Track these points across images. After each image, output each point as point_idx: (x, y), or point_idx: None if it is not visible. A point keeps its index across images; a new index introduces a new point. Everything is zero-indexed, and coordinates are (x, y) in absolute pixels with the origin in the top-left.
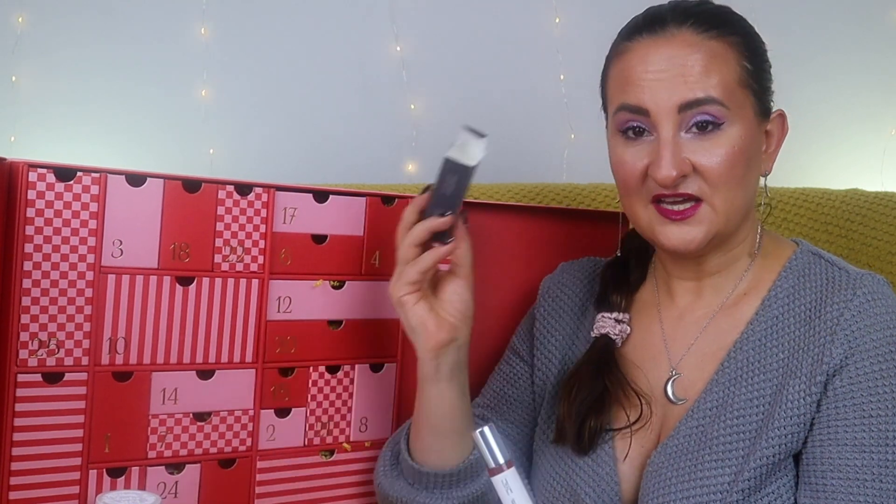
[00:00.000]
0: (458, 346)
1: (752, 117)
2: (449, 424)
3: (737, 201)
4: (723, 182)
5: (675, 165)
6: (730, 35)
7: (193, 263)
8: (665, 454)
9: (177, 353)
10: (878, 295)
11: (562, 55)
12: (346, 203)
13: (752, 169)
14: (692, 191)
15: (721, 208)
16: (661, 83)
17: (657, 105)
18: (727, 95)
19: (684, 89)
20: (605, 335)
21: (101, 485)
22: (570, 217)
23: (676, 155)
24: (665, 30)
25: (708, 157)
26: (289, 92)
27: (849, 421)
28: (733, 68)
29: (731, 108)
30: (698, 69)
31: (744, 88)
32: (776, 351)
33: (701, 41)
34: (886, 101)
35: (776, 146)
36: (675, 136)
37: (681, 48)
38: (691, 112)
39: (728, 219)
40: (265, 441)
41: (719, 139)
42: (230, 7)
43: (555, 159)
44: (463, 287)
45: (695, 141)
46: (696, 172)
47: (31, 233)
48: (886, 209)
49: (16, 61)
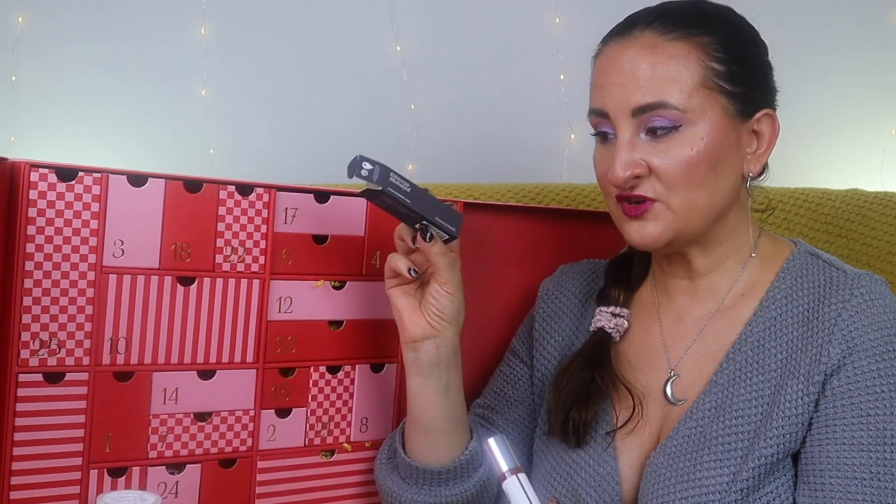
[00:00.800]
0: (436, 345)
1: (721, 118)
2: (427, 420)
3: (698, 201)
4: (678, 183)
5: (625, 167)
6: (697, 35)
7: (194, 263)
8: (664, 454)
9: (178, 354)
10: (875, 295)
11: (562, 55)
12: (346, 203)
13: (720, 171)
14: (647, 193)
15: (679, 208)
16: (618, 87)
17: (614, 109)
18: (684, 98)
19: (638, 94)
20: (601, 329)
21: (102, 485)
22: (570, 217)
23: (629, 156)
24: (631, 33)
25: (662, 160)
26: (289, 92)
27: (847, 420)
28: (695, 69)
29: (687, 110)
30: (655, 73)
31: (708, 90)
32: (774, 351)
33: (662, 43)
34: (886, 101)
35: (767, 147)
36: (633, 138)
37: (639, 51)
38: (645, 116)
39: (688, 218)
40: (266, 441)
41: (675, 141)
42: (230, 7)
43: (555, 159)
44: (440, 292)
45: (651, 143)
46: (653, 174)
47: (32, 233)
48: (886, 209)
49: (16, 61)
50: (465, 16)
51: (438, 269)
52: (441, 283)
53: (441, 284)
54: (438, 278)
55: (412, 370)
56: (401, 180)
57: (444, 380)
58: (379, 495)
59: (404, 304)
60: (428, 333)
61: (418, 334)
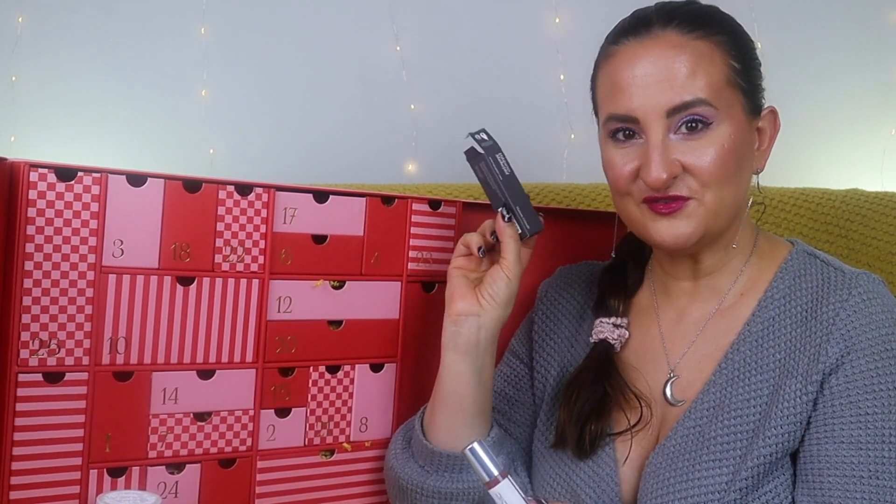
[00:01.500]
0: (479, 325)
1: (742, 115)
2: (458, 400)
3: (727, 199)
4: (714, 180)
5: (664, 168)
6: (715, 35)
7: (194, 263)
8: (663, 455)
9: (177, 353)
10: (873, 294)
11: (562, 55)
12: (346, 203)
13: (743, 167)
14: (682, 192)
15: (711, 205)
16: (648, 88)
17: (645, 111)
18: (715, 95)
19: (671, 94)
20: (603, 340)
21: (102, 485)
22: (570, 217)
23: (666, 157)
24: (650, 32)
25: (698, 157)
26: (289, 92)
27: (845, 419)
28: (720, 68)
29: (719, 107)
30: (684, 71)
31: (732, 87)
32: (773, 351)
33: (686, 42)
34: (886, 101)
35: (769, 143)
36: (665, 138)
37: (666, 50)
38: (679, 115)
39: (718, 216)
40: (265, 441)
41: (708, 139)
42: (230, 7)
43: (555, 159)
44: (500, 274)
45: (684, 142)
46: (687, 172)
47: (31, 232)
48: (886, 209)
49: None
50: (465, 16)
51: (506, 252)
52: (504, 266)
53: (503, 268)
54: (503, 261)
55: (450, 346)
56: (505, 163)
57: (479, 362)
58: (388, 490)
59: (460, 281)
60: (474, 310)
61: (464, 309)
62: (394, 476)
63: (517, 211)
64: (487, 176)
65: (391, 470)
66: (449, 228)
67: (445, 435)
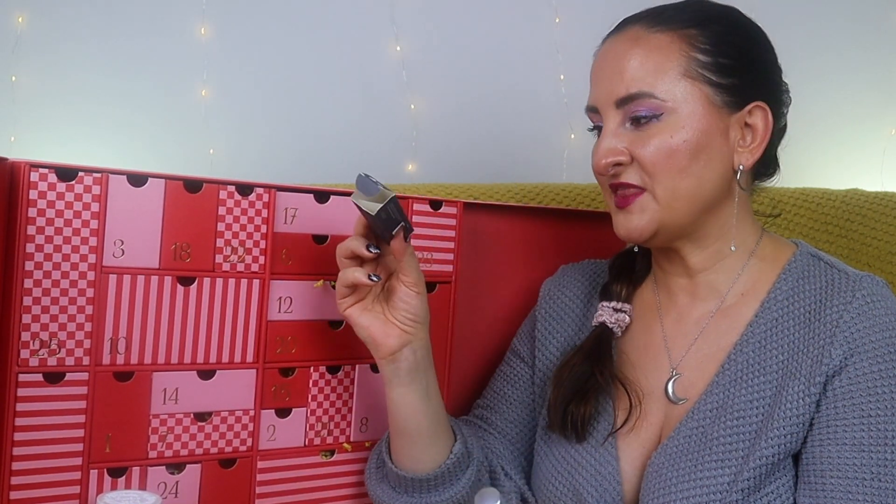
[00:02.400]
0: (413, 350)
1: (705, 108)
2: (414, 427)
3: (680, 191)
4: (660, 171)
5: (604, 154)
6: (682, 28)
7: (194, 263)
8: (665, 454)
9: (178, 354)
10: (877, 297)
11: (562, 55)
12: (346, 203)
13: (706, 159)
14: (632, 180)
15: (662, 197)
16: (604, 80)
17: (600, 101)
18: (663, 88)
19: (619, 86)
20: (602, 324)
21: (102, 485)
22: (571, 217)
23: (610, 144)
24: (621, 29)
25: (643, 147)
26: (289, 92)
27: (848, 421)
28: (677, 60)
29: (668, 100)
30: (634, 63)
31: (691, 79)
32: (776, 352)
33: (645, 35)
34: (886, 101)
35: (761, 140)
36: (617, 128)
37: (623, 44)
38: (628, 106)
39: (672, 207)
40: (266, 441)
41: (656, 129)
42: (230, 7)
43: (555, 159)
44: (409, 293)
45: (634, 132)
46: (635, 162)
47: (32, 232)
48: (886, 209)
49: (16, 61)
50: (465, 16)
51: (407, 270)
52: (409, 284)
53: (409, 286)
54: (406, 280)
55: (393, 382)
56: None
57: (423, 383)
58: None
59: (370, 319)
60: (404, 340)
61: (395, 344)
62: (371, 496)
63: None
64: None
65: (368, 490)
66: (450, 229)
67: (410, 460)
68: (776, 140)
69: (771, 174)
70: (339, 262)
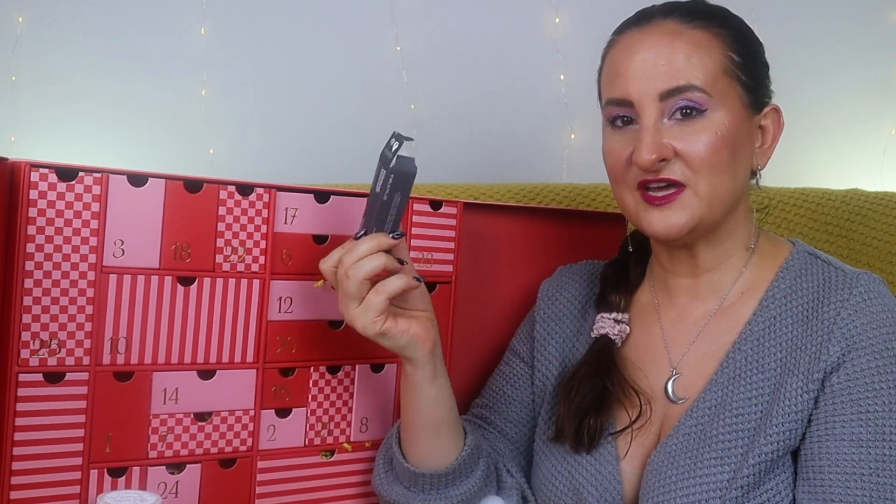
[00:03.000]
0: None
1: (739, 107)
2: (445, 419)
3: (721, 188)
4: (705, 167)
5: (653, 149)
6: (716, 27)
7: (195, 263)
8: (665, 452)
9: (178, 354)
10: (874, 294)
11: (562, 55)
12: (346, 203)
13: (738, 159)
14: (675, 176)
15: (704, 193)
16: (644, 72)
17: (639, 94)
18: (709, 83)
19: (665, 77)
20: (604, 335)
21: (102, 485)
22: (571, 217)
23: (656, 139)
24: (651, 22)
25: (689, 142)
26: (289, 92)
27: (846, 417)
28: (717, 57)
29: (713, 95)
30: (680, 56)
31: (729, 78)
32: (774, 350)
33: (684, 29)
34: (886, 101)
35: (772, 142)
36: (657, 122)
37: (663, 36)
38: (673, 99)
39: (712, 205)
40: (266, 441)
41: (702, 124)
42: (230, 7)
43: (555, 159)
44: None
45: (677, 126)
46: (679, 157)
47: (32, 232)
48: (886, 209)
49: (16, 61)
50: (466, 16)
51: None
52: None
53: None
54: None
55: (432, 378)
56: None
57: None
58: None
59: (405, 322)
60: (437, 328)
61: (434, 335)
62: (383, 497)
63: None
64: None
65: (379, 492)
66: (450, 229)
67: (435, 457)
68: None
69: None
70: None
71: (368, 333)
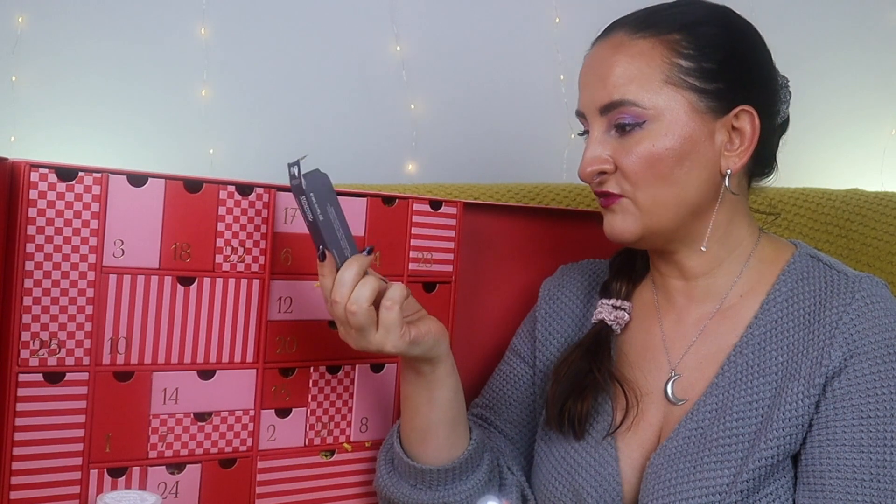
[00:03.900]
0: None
1: (689, 114)
2: (463, 408)
3: (664, 198)
4: (641, 180)
5: (589, 163)
6: (665, 34)
7: (194, 263)
8: (665, 455)
9: (178, 353)
10: (876, 298)
11: (562, 55)
12: (346, 203)
13: (690, 166)
14: (613, 189)
15: (644, 204)
16: (589, 87)
17: (587, 108)
18: (645, 95)
19: (602, 93)
20: (601, 321)
21: (102, 485)
22: (570, 217)
23: (595, 152)
24: (606, 34)
25: (625, 156)
26: (289, 92)
27: (847, 422)
28: (658, 66)
29: (649, 107)
30: (617, 71)
31: (673, 86)
32: (775, 354)
33: (627, 41)
34: (886, 101)
35: (748, 144)
36: (603, 135)
37: (606, 50)
38: (611, 114)
39: (653, 215)
40: (266, 441)
41: (638, 138)
42: (230, 7)
43: (555, 159)
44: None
45: (618, 140)
46: (618, 171)
47: (32, 232)
48: (886, 209)
49: (16, 61)
50: (465, 16)
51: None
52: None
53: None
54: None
55: (452, 368)
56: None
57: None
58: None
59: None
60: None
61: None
62: (386, 496)
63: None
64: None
65: (382, 492)
66: (450, 229)
67: (437, 451)
68: (775, 138)
69: (768, 174)
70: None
71: (400, 349)
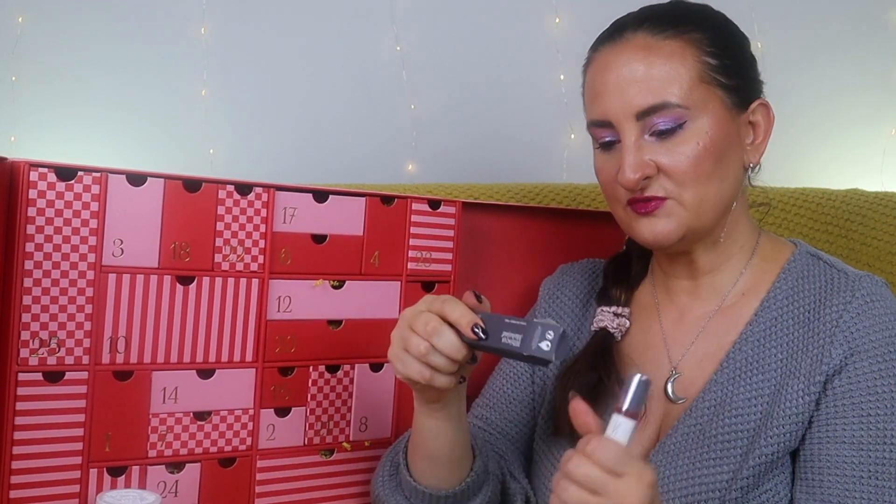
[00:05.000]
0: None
1: (721, 111)
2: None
3: (708, 196)
4: (689, 179)
5: (635, 169)
6: (687, 32)
7: (194, 263)
8: (664, 452)
9: (177, 353)
10: (876, 296)
11: (562, 55)
12: (345, 203)
13: (726, 162)
14: (658, 192)
15: (690, 204)
16: (619, 92)
17: (617, 115)
18: (685, 95)
19: (640, 97)
20: (603, 328)
21: (102, 484)
22: (570, 217)
23: (638, 158)
24: (623, 36)
25: (671, 158)
26: (289, 92)
27: (847, 419)
28: (692, 66)
29: (689, 106)
30: (653, 73)
31: (706, 84)
32: (775, 351)
33: (656, 43)
34: (886, 101)
35: (764, 136)
36: (638, 140)
37: (635, 53)
38: (650, 118)
39: (699, 214)
40: (265, 440)
41: (681, 138)
42: (230, 7)
43: (555, 159)
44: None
45: (658, 143)
46: (662, 173)
47: (32, 232)
48: (886, 209)
49: (16, 61)
50: (465, 16)
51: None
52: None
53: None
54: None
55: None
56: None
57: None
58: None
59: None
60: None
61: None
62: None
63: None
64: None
65: (378, 495)
66: (449, 228)
67: (435, 479)
68: None
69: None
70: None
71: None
